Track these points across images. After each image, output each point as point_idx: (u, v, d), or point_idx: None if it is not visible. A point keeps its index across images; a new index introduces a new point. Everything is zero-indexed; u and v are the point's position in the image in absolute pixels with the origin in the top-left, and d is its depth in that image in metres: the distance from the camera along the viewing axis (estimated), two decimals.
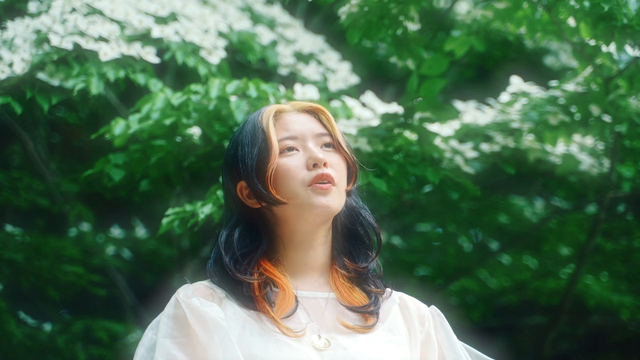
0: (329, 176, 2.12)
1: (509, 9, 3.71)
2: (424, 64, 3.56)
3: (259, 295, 2.10)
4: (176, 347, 2.05)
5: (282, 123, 2.18)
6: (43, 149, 5.02)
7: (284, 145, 2.15)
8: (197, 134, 3.76)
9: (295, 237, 2.17)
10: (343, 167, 2.18)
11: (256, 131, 2.16)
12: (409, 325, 2.21)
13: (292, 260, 2.18)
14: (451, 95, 5.44)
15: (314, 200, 2.12)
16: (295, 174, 2.12)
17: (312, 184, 2.12)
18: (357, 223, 2.23)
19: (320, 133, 2.18)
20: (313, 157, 2.13)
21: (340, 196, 2.15)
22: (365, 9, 3.52)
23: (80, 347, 5.16)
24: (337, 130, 2.20)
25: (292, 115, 2.19)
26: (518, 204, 5.54)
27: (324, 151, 2.16)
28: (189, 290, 2.13)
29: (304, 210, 2.13)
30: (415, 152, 3.76)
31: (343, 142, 2.19)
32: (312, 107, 2.21)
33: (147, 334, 2.12)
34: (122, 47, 3.73)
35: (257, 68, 4.74)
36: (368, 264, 2.22)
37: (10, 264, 4.88)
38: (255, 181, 2.13)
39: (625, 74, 3.57)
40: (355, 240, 2.24)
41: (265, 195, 2.12)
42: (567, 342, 6.48)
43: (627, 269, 5.39)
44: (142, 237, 5.74)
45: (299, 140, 2.16)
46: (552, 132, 3.86)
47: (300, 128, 2.17)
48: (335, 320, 2.14)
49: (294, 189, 2.12)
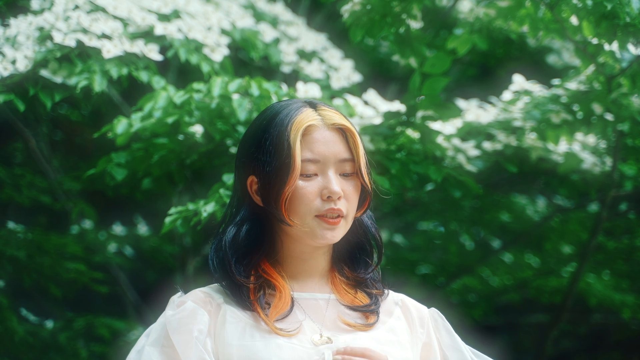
0: (339, 210, 2.11)
1: (511, 7, 3.71)
2: (427, 62, 3.56)
3: (254, 299, 2.10)
4: (160, 356, 2.04)
5: (308, 140, 2.12)
6: (45, 146, 5.03)
7: (305, 167, 2.10)
8: (199, 132, 3.76)
9: (296, 248, 2.16)
10: (357, 193, 2.15)
11: (282, 141, 2.10)
12: (411, 327, 2.20)
13: (292, 265, 2.17)
14: (453, 93, 5.44)
15: (319, 232, 2.11)
16: (309, 201, 2.10)
17: (320, 214, 2.10)
18: (360, 232, 2.22)
19: (344, 159, 2.13)
20: (329, 189, 2.10)
21: (346, 227, 2.15)
22: (368, 7, 3.53)
23: (82, 344, 5.16)
24: (362, 155, 2.14)
25: (320, 133, 2.13)
26: (520, 202, 5.53)
27: (343, 179, 2.13)
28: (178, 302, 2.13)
29: (307, 237, 2.12)
30: (418, 151, 3.76)
31: (364, 169, 2.15)
32: (342, 125, 2.14)
33: (141, 340, 2.11)
34: (125, 45, 3.73)
35: (259, 65, 4.75)
36: (367, 273, 2.21)
37: (13, 261, 4.88)
38: (269, 196, 2.11)
39: (628, 73, 3.57)
40: (356, 249, 2.23)
41: (276, 213, 2.11)
42: (569, 341, 6.48)
43: (629, 268, 5.39)
44: (144, 235, 5.74)
45: (321, 164, 2.12)
46: (555, 131, 3.86)
47: (325, 151, 2.11)
48: (336, 319, 2.14)
49: (304, 216, 2.10)
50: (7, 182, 5.06)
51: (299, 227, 2.11)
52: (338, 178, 2.12)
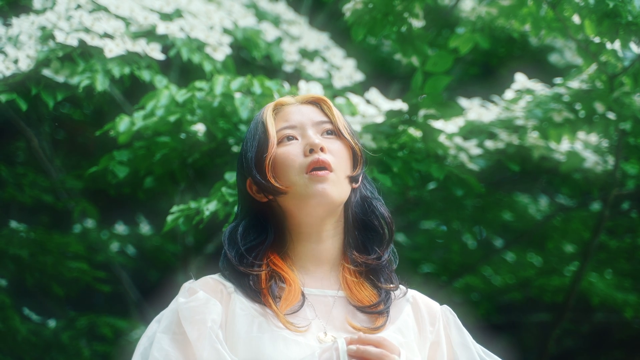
0: (324, 162, 2.12)
1: (513, 6, 3.71)
2: (429, 61, 3.55)
3: (265, 288, 2.10)
4: (172, 343, 2.04)
5: (282, 115, 2.19)
6: (48, 146, 5.03)
7: (282, 134, 2.16)
8: (201, 130, 3.77)
9: (302, 229, 2.16)
10: (345, 153, 2.17)
11: (257, 125, 2.18)
12: (420, 326, 2.20)
13: (301, 254, 2.17)
14: (456, 92, 5.44)
15: (310, 188, 2.11)
16: (293, 161, 2.12)
17: (308, 170, 2.11)
18: (369, 213, 2.22)
19: (321, 121, 2.18)
20: (310, 142, 2.13)
21: (340, 184, 2.14)
22: (370, 6, 3.53)
23: (84, 343, 5.16)
24: (339, 118, 2.19)
25: (292, 107, 2.21)
26: (522, 201, 5.53)
27: (325, 138, 2.16)
28: (192, 288, 2.13)
29: (303, 201, 2.12)
30: (420, 149, 3.76)
31: (345, 129, 2.18)
32: (314, 98, 2.22)
33: (152, 326, 2.12)
34: (127, 44, 3.73)
35: (262, 65, 4.75)
36: (378, 257, 2.21)
37: (15, 260, 4.88)
38: (255, 172, 2.14)
39: (630, 72, 3.57)
40: (368, 232, 2.22)
41: (265, 185, 2.13)
42: (571, 340, 6.48)
43: (631, 267, 5.39)
44: (147, 234, 5.74)
45: (299, 129, 2.16)
46: (557, 130, 3.86)
47: (300, 117, 2.18)
48: (343, 320, 2.13)
49: (292, 176, 2.12)
50: (9, 181, 5.06)
51: (292, 191, 2.11)
52: (319, 136, 2.16)
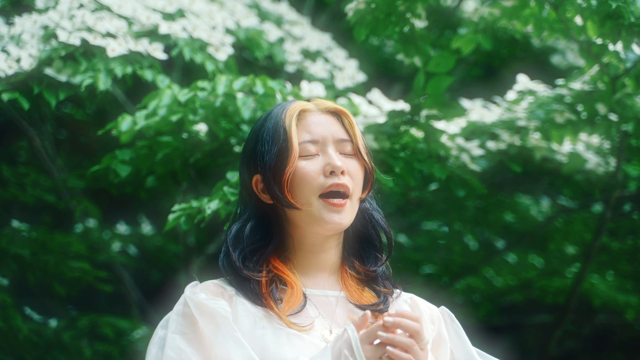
0: (344, 186, 2.11)
1: (516, 7, 3.71)
2: (431, 62, 3.56)
3: (265, 293, 2.10)
4: (185, 342, 2.05)
5: (304, 124, 2.16)
6: (50, 145, 5.03)
7: (304, 148, 2.13)
8: (203, 130, 3.77)
9: (307, 240, 2.17)
10: (360, 174, 2.17)
11: (278, 129, 2.14)
12: (420, 324, 2.20)
13: (302, 260, 2.18)
14: (458, 93, 5.43)
15: (325, 215, 2.11)
16: (313, 179, 2.11)
17: (326, 192, 2.11)
18: (369, 226, 2.23)
19: (342, 139, 2.16)
20: (331, 164, 2.12)
21: (353, 209, 2.15)
22: (372, 6, 3.53)
23: (85, 343, 5.16)
24: (359, 136, 2.18)
25: (315, 116, 2.17)
26: (524, 203, 5.53)
27: (345, 157, 2.15)
28: (197, 287, 2.13)
29: (315, 223, 2.12)
30: (422, 150, 3.76)
31: (363, 149, 2.18)
32: (336, 109, 2.19)
33: (158, 333, 2.12)
34: (129, 43, 3.74)
35: (264, 65, 4.75)
36: (377, 268, 2.22)
37: (17, 259, 4.88)
38: (271, 182, 2.12)
39: (632, 73, 3.57)
40: (366, 243, 2.23)
41: (280, 198, 2.12)
42: (573, 341, 6.47)
43: (633, 269, 5.39)
44: (148, 234, 5.74)
45: (320, 144, 2.14)
46: (559, 131, 3.86)
47: (322, 131, 2.15)
48: (346, 317, 2.14)
49: (308, 196, 2.11)
50: (11, 181, 5.06)
51: (306, 210, 2.11)
52: (339, 155, 2.14)
